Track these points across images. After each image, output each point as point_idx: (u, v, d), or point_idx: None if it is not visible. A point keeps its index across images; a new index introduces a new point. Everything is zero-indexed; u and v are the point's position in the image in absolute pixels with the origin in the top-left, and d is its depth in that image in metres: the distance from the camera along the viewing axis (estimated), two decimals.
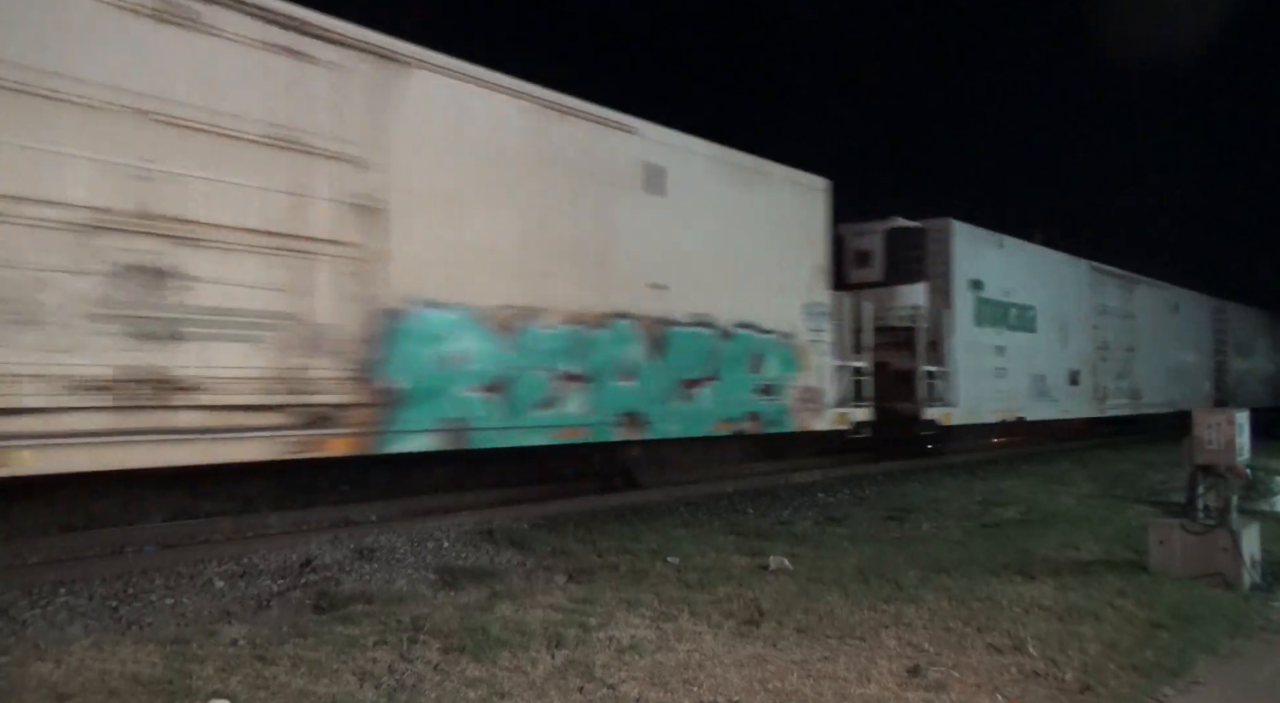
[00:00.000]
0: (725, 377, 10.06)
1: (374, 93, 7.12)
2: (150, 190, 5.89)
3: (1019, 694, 4.05)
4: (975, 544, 7.34)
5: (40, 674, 4.02)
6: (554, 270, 8.44)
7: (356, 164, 6.96)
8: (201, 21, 6.13)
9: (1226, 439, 6.23)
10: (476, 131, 7.86)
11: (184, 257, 6.03)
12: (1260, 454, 7.78)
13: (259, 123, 6.41)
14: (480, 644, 4.46)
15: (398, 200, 7.20)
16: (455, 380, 7.61)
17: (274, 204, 6.48)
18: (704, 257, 9.93)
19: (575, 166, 8.65)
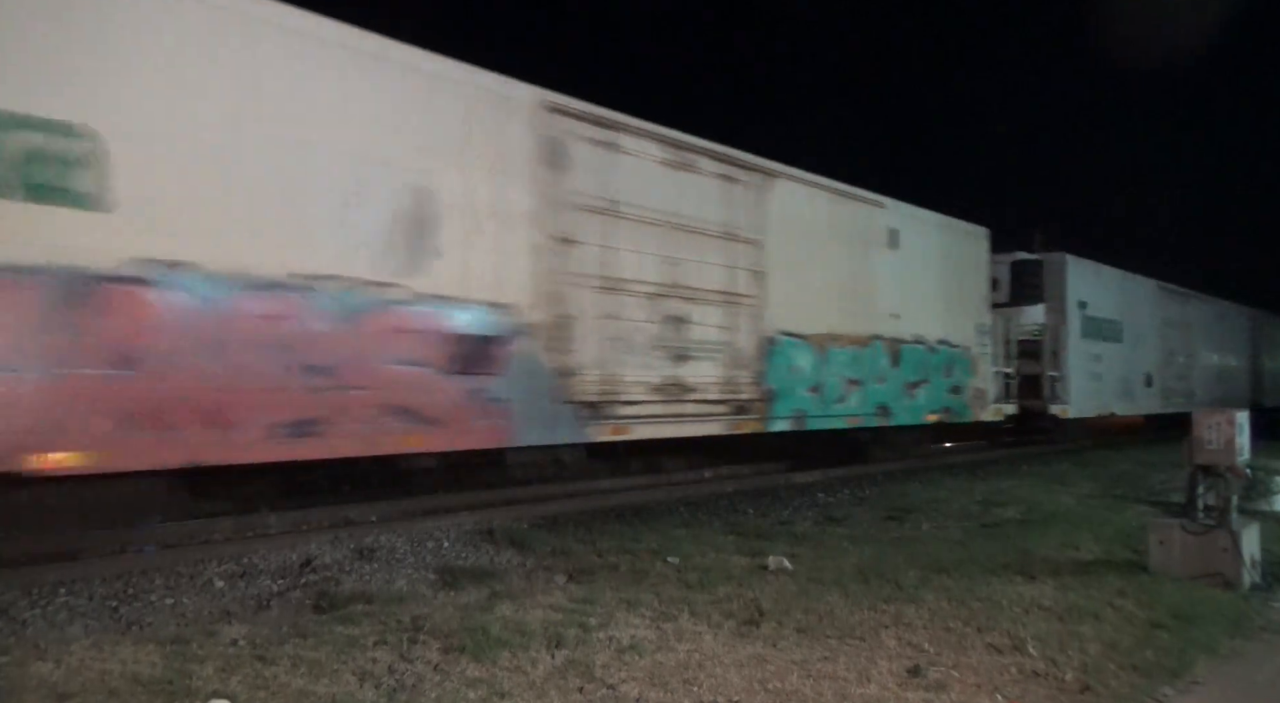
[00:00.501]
0: (932, 380, 13.60)
1: (759, 196, 10.85)
2: (675, 270, 9.67)
3: (1019, 694, 4.05)
4: (975, 544, 7.34)
5: (40, 674, 4.02)
6: (841, 307, 12.01)
7: (754, 245, 10.68)
8: (695, 167, 10.05)
9: (1226, 439, 6.23)
10: (804, 216, 11.51)
11: (690, 310, 9.82)
12: (1260, 454, 7.77)
13: (717, 224, 10.20)
14: (480, 644, 4.46)
15: (771, 267, 10.87)
16: (798, 384, 11.29)
17: (724, 274, 10.30)
18: (919, 291, 13.40)
19: (851, 234, 12.25)
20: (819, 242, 11.67)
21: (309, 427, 6.75)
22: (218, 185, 6.31)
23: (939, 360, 13.73)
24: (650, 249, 9.42)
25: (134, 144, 5.91)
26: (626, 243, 9.17)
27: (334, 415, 6.85)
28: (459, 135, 7.82)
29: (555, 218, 8.52)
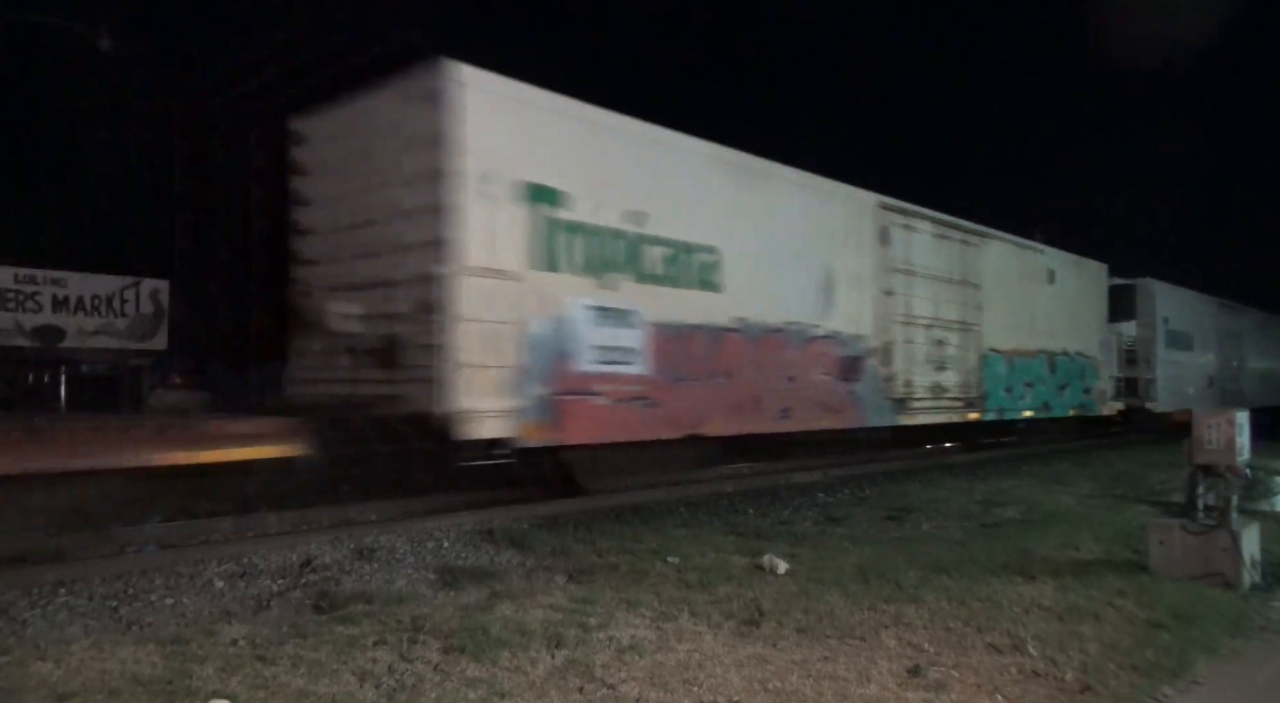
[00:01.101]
0: (1073, 383, 17.73)
1: (979, 253, 14.96)
2: (938, 308, 13.85)
3: (1019, 694, 4.05)
4: (975, 544, 7.34)
5: (40, 674, 4.02)
6: (1021, 329, 15.99)
7: (976, 287, 14.77)
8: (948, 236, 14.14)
9: (1226, 439, 6.23)
10: (1001, 264, 15.61)
11: (945, 335, 13.99)
12: (1260, 454, 7.77)
13: (958, 274, 14.40)
14: (480, 644, 4.46)
15: (985, 302, 14.92)
16: (999, 386, 15.30)
17: (961, 309, 14.42)
18: (1065, 315, 17.53)
19: (1025, 275, 16.37)
20: (1009, 282, 15.84)
21: (788, 411, 11.18)
22: (759, 274, 10.87)
23: (1077, 367, 17.95)
24: (926, 294, 13.69)
25: (731, 256, 10.43)
26: (916, 291, 13.49)
27: (796, 405, 11.29)
28: (841, 229, 12.15)
29: (883, 278, 12.84)
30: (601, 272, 9.04)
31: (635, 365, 9.29)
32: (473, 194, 7.93)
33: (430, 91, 7.97)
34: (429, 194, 7.95)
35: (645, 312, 9.39)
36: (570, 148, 8.83)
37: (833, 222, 11.96)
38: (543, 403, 8.46)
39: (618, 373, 9.11)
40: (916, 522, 8.61)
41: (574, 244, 8.78)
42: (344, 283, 8.88)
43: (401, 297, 8.22)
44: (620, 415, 9.13)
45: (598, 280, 9.01)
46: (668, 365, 9.59)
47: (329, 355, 9.02)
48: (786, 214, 11.29)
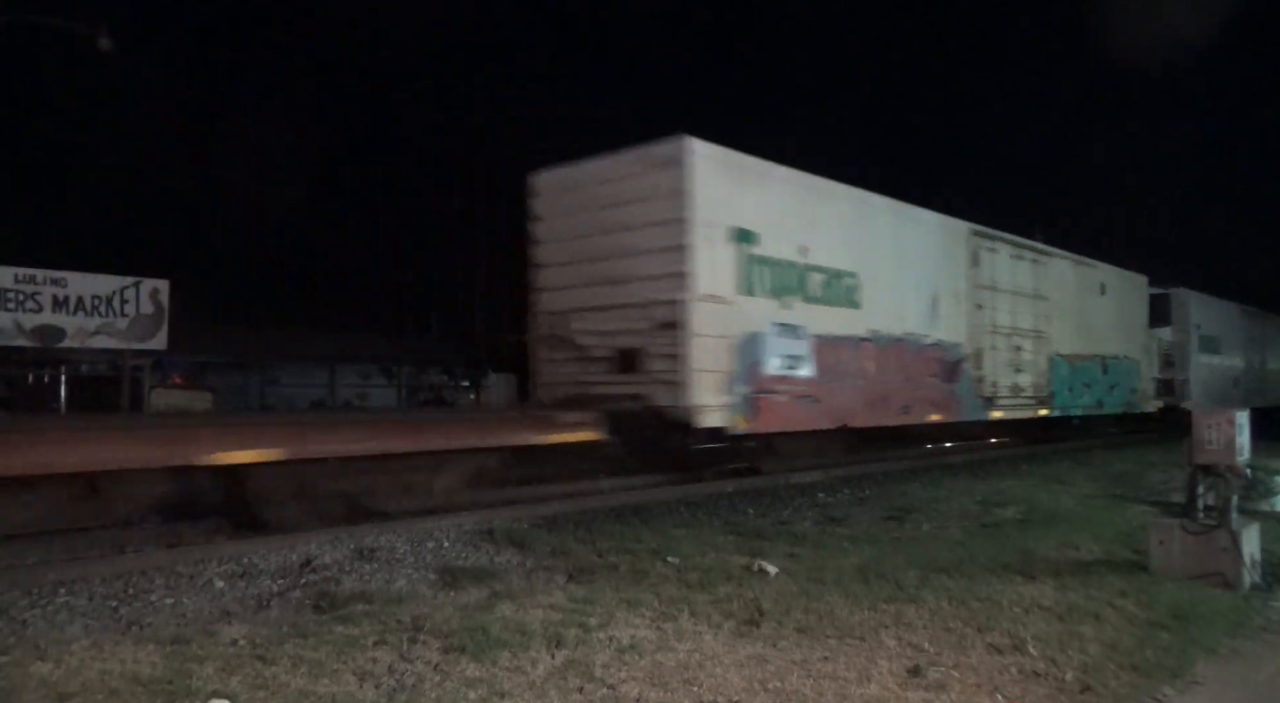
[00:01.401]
0: (1121, 383, 19.86)
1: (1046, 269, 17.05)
2: (1015, 318, 15.87)
3: (1019, 694, 4.05)
4: (975, 544, 7.34)
5: (40, 674, 4.02)
6: (1079, 335, 18.09)
7: (1045, 299, 16.87)
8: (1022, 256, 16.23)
9: (1226, 439, 6.22)
10: (1064, 279, 17.77)
11: (1021, 342, 15.99)
12: (1260, 454, 7.77)
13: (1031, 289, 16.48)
14: (480, 644, 4.46)
15: (1051, 312, 17.04)
16: (1063, 386, 17.37)
17: (1033, 319, 16.45)
18: (1114, 322, 19.65)
19: (1082, 287, 18.43)
20: (1070, 294, 17.87)
21: (908, 407, 13.37)
22: (886, 294, 13.00)
23: (1124, 370, 20.10)
24: (1006, 307, 15.77)
25: (867, 279, 12.57)
26: (999, 305, 15.61)
27: (913, 402, 13.49)
28: (943, 254, 14.40)
29: (974, 294, 15.03)
30: (781, 295, 11.32)
31: (804, 370, 11.55)
32: (700, 237, 10.19)
33: (671, 158, 10.24)
34: (667, 237, 10.22)
35: (810, 326, 11.66)
36: (759, 196, 11.01)
37: (937, 248, 14.32)
38: (745, 400, 10.65)
39: (793, 376, 11.38)
40: (917, 522, 8.61)
41: (764, 274, 11.05)
42: (581, 306, 11.18)
43: (640, 317, 10.42)
44: (795, 410, 11.39)
45: (779, 302, 11.23)
46: (825, 369, 11.83)
47: (568, 363, 11.28)
48: (904, 243, 13.58)
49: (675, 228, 10.11)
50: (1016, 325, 16.03)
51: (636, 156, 10.72)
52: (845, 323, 12.25)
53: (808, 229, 11.67)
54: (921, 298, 13.76)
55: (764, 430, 11.11)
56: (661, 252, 10.23)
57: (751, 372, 10.71)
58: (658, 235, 10.29)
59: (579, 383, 11.05)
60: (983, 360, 15.02)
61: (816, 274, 11.80)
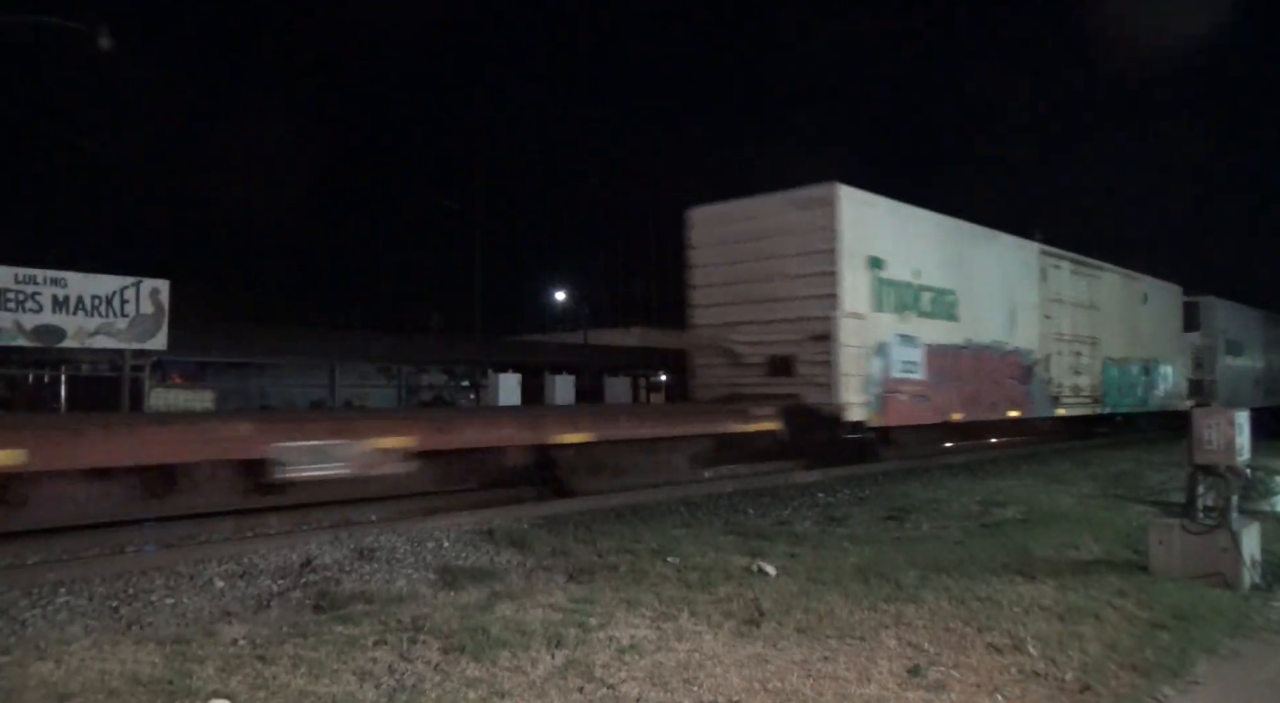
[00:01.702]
0: (1159, 384, 22.14)
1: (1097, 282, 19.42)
2: (1074, 327, 18.45)
3: (1019, 694, 4.05)
4: (975, 544, 7.34)
5: (40, 674, 4.02)
6: (1126, 340, 20.41)
7: (1097, 309, 19.22)
8: (1079, 272, 18.76)
9: (1226, 439, 6.22)
10: (1113, 290, 20.06)
11: (1079, 347, 18.48)
12: (1260, 454, 7.76)
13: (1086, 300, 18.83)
14: (480, 644, 4.46)
15: (1103, 320, 19.43)
16: (1112, 387, 19.66)
17: (1087, 326, 18.86)
18: (1153, 328, 21.90)
19: (1128, 297, 20.85)
20: (1117, 303, 20.19)
21: (994, 405, 15.60)
22: (976, 308, 15.16)
23: (1163, 371, 22.40)
24: (1068, 317, 18.15)
25: (963, 296, 14.77)
26: (1063, 315, 17.98)
27: (998, 400, 15.73)
28: (1019, 271, 16.63)
29: (1043, 305, 17.30)
30: (901, 311, 13.65)
31: (918, 373, 13.82)
32: (845, 265, 12.57)
33: (823, 199, 12.64)
34: (817, 264, 12.65)
35: (922, 336, 13.97)
36: (884, 228, 13.39)
37: (1014, 266, 16.69)
38: (877, 398, 13.00)
39: (910, 378, 13.64)
40: (916, 522, 8.61)
41: (889, 293, 13.40)
42: (735, 320, 13.65)
43: (792, 330, 12.87)
44: (912, 407, 13.73)
45: (900, 317, 13.56)
46: (933, 373, 14.13)
47: (723, 367, 13.74)
48: (989, 263, 15.94)
49: (826, 257, 12.55)
50: (1076, 333, 18.54)
51: (787, 197, 13.13)
52: (947, 333, 14.66)
53: (919, 254, 14.07)
54: (1003, 310, 16.22)
55: (890, 424, 13.48)
56: (811, 276, 12.68)
57: (881, 375, 13.15)
58: (808, 263, 12.71)
59: (733, 384, 13.52)
60: (1050, 364, 17.59)
61: (926, 293, 14.21)
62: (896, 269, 13.45)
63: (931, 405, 14.07)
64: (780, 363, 12.91)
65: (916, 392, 13.69)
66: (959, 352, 14.87)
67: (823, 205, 12.57)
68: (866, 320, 12.81)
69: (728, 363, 13.62)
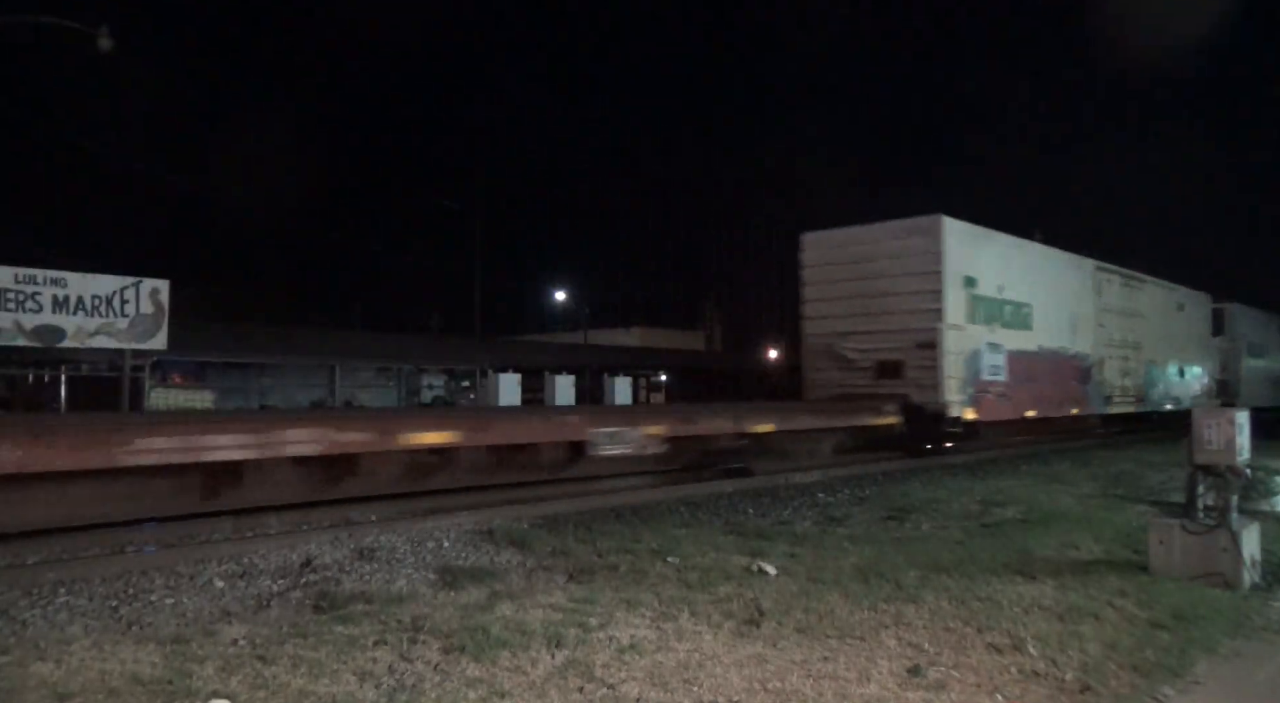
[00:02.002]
0: (1192, 384, 24.48)
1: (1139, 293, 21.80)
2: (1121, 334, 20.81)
3: (1019, 694, 4.05)
4: (975, 544, 7.34)
5: (40, 674, 4.02)
6: (1164, 345, 22.65)
7: (1140, 317, 21.61)
8: (1127, 284, 21.16)
9: (1226, 439, 6.22)
10: (1152, 300, 22.24)
11: (1125, 352, 20.84)
12: (1260, 454, 7.76)
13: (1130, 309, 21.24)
14: (480, 644, 4.46)
15: (1146, 327, 21.84)
16: (1152, 386, 22.12)
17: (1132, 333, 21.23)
18: (1186, 333, 24.37)
19: (1165, 306, 22.96)
20: (1157, 312, 22.41)
21: (1060, 403, 18.01)
22: (1046, 318, 17.33)
23: (1194, 373, 24.77)
24: (1117, 325, 20.39)
25: (1036, 308, 17.01)
26: (1113, 323, 20.17)
27: (1062, 399, 17.90)
28: (1078, 285, 18.89)
29: (1098, 315, 19.54)
30: (989, 322, 15.81)
31: (1002, 375, 15.99)
32: (947, 283, 14.80)
33: (929, 229, 14.88)
34: (923, 284, 14.86)
35: (1005, 344, 16.14)
36: (975, 251, 15.60)
37: (1074, 280, 19.03)
38: (971, 397, 15.14)
39: (996, 380, 15.83)
40: (916, 522, 8.61)
41: (980, 307, 15.58)
42: (845, 330, 15.78)
43: (899, 339, 15.05)
44: (998, 405, 15.93)
45: (988, 327, 15.72)
46: (1013, 375, 16.28)
47: (834, 371, 15.87)
48: (1055, 277, 18.25)
49: (931, 277, 14.75)
50: (1124, 339, 20.91)
51: (895, 226, 15.40)
52: (1023, 340, 16.85)
53: (1001, 272, 16.26)
54: (1066, 320, 18.48)
55: (981, 420, 15.49)
56: (918, 293, 14.90)
57: (974, 377, 15.29)
58: (914, 282, 14.92)
59: (843, 385, 15.63)
60: (1104, 367, 19.87)
61: (1008, 306, 16.47)
62: (985, 286, 15.68)
63: (1012, 403, 16.43)
64: (889, 367, 15.01)
65: (1001, 391, 16.00)
66: (1033, 357, 17.12)
67: (928, 233, 14.81)
68: (964, 331, 15.08)
69: (838, 367, 15.75)
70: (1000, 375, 15.91)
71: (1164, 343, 22.80)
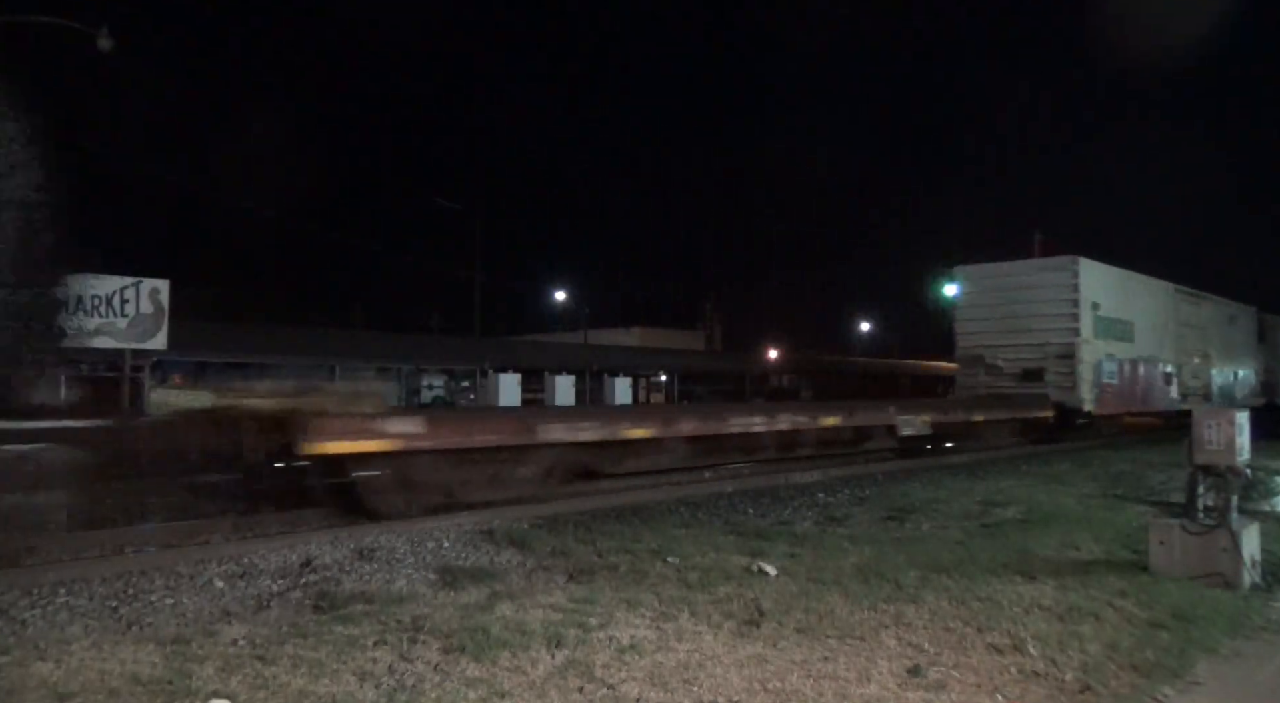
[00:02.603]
0: (1244, 385, 27.95)
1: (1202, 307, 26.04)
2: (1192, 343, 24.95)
3: (1019, 694, 4.05)
4: (975, 544, 7.34)
5: (40, 674, 4.02)
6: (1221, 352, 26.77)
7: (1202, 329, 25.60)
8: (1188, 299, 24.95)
9: (1227, 439, 6.22)
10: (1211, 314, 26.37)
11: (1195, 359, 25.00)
12: (1260, 454, 7.76)
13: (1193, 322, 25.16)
14: (480, 644, 4.46)
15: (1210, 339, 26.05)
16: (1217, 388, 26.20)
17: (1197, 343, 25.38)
18: (1240, 342, 28.40)
19: (1223, 319, 27.36)
20: (1216, 324, 26.24)
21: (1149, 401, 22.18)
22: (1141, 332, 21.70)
23: (1245, 374, 28.44)
24: (1187, 336, 23.92)
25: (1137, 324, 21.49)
26: (1186, 335, 23.53)
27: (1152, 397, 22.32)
28: (1161, 304, 23.00)
29: (1176, 328, 23.43)
30: (1107, 336, 19.85)
31: (1115, 379, 20.03)
32: (1083, 309, 19.10)
33: (1068, 266, 19.37)
34: (1063, 308, 19.15)
35: (1116, 354, 20.19)
36: (1098, 281, 19.85)
37: (1159, 301, 22.85)
38: (1096, 397, 19.19)
39: (1111, 383, 19.91)
40: (916, 522, 8.61)
41: (1101, 325, 19.69)
42: (993, 343, 19.89)
43: (1041, 351, 19.22)
44: (1111, 401, 19.95)
45: (1105, 341, 19.70)
46: (1122, 378, 20.38)
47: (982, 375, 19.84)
48: (1147, 300, 22.08)
49: (1070, 303, 19.04)
50: (1194, 348, 24.51)
51: (1038, 263, 20.64)
52: (1126, 351, 20.81)
53: (1113, 297, 20.26)
54: (1154, 333, 22.27)
55: (1100, 413, 19.59)
56: (1057, 316, 19.14)
57: (1098, 380, 19.35)
58: (1055, 306, 19.17)
59: (990, 387, 19.52)
60: (1180, 371, 23.47)
61: (1118, 323, 20.47)
62: (1105, 309, 19.83)
63: (1121, 401, 20.58)
64: (1033, 372, 19.11)
65: (1114, 391, 20.12)
66: (1134, 364, 21.23)
67: (1067, 269, 19.25)
68: (1091, 344, 19.21)
69: (987, 371, 19.77)
70: (1114, 379, 20.06)
71: (1222, 350, 26.73)
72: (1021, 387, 18.88)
